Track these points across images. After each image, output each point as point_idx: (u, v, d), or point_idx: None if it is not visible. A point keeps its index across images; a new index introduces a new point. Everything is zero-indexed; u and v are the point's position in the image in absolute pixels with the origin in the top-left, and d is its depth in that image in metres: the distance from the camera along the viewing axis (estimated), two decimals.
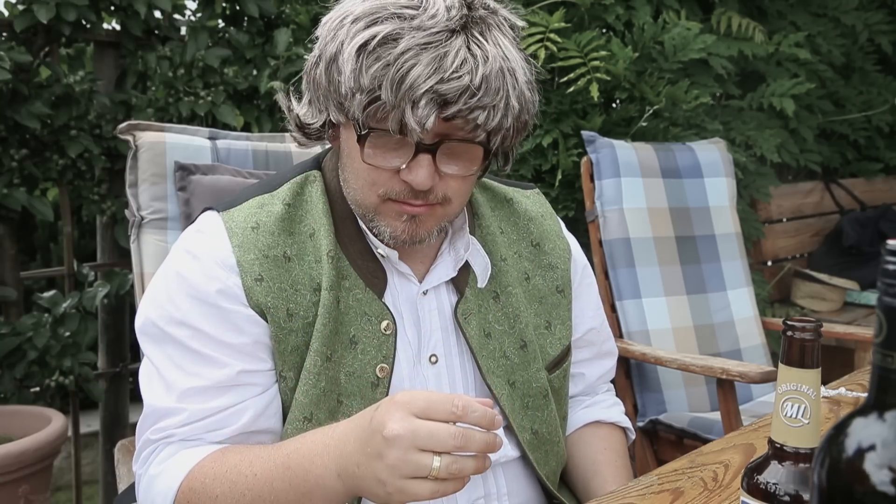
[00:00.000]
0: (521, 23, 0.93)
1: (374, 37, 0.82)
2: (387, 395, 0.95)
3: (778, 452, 0.67)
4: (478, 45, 0.84)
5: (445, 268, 1.01)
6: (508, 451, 1.01)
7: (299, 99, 0.99)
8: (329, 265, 0.93)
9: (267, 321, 0.92)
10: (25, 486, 2.08)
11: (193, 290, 0.92)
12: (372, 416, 0.75)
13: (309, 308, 0.92)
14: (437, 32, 0.82)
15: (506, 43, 0.88)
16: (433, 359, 1.00)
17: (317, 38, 0.92)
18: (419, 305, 1.00)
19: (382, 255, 0.97)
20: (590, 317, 1.17)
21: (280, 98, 1.01)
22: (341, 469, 0.78)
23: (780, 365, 0.66)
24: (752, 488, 0.68)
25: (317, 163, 1.04)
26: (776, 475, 0.67)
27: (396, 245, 0.95)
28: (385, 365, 0.95)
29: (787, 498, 0.66)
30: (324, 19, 0.92)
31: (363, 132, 0.87)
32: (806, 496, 0.65)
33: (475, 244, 1.02)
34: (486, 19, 0.87)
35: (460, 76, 0.82)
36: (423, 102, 0.81)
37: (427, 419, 0.72)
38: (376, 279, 0.97)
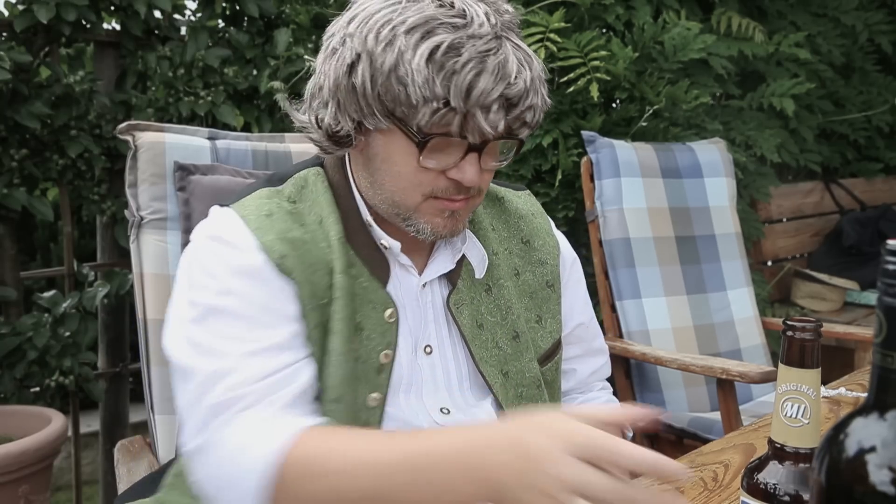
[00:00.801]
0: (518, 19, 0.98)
1: (439, 47, 0.85)
2: (389, 380, 0.96)
3: (778, 452, 0.67)
4: (518, 49, 0.90)
5: (444, 260, 1.03)
6: None
7: (299, 106, 1.00)
8: (340, 249, 0.95)
9: (296, 296, 0.93)
10: (25, 486, 2.08)
11: (233, 264, 0.91)
12: (527, 444, 0.68)
13: (325, 290, 0.94)
14: (490, 40, 0.87)
15: (524, 43, 0.94)
16: (427, 349, 1.02)
17: (336, 46, 0.92)
18: (419, 297, 1.02)
19: (385, 247, 0.99)
20: (578, 312, 1.18)
21: (295, 114, 1.01)
22: (485, 490, 0.70)
23: (780, 365, 0.66)
24: (752, 488, 0.68)
25: (318, 160, 1.05)
26: (776, 475, 0.67)
27: (435, 239, 0.99)
28: (389, 351, 0.97)
29: (786, 498, 0.66)
30: (352, 27, 0.91)
31: (424, 138, 0.89)
32: (806, 496, 0.64)
33: (472, 237, 1.05)
34: (509, 23, 0.92)
35: (519, 81, 0.88)
36: (494, 108, 0.87)
37: (588, 459, 0.65)
38: (380, 269, 0.99)
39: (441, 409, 1.00)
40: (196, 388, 0.86)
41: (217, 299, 0.90)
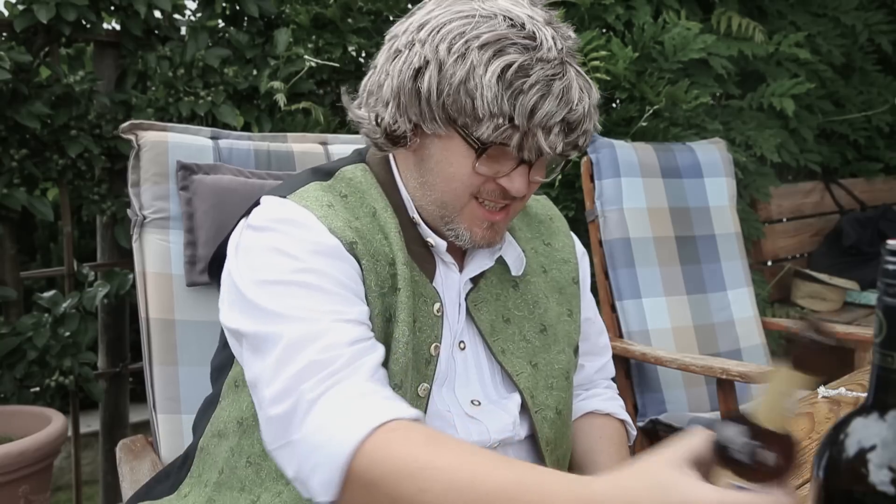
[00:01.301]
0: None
1: (510, 66, 0.89)
2: (435, 372, 0.99)
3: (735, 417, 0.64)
4: (580, 75, 0.94)
5: (482, 258, 1.06)
6: (520, 431, 1.05)
7: (359, 103, 1.02)
8: (399, 241, 0.98)
9: (363, 281, 0.94)
10: (25, 486, 2.08)
11: (310, 242, 0.91)
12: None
13: (386, 279, 0.96)
14: (557, 64, 0.91)
15: (582, 70, 0.98)
16: (461, 345, 1.05)
17: (401, 48, 0.94)
18: (461, 293, 1.05)
19: (432, 244, 1.02)
20: (585, 307, 1.21)
21: (355, 111, 1.01)
22: None
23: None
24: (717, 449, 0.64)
25: (361, 157, 1.07)
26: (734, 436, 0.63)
27: (473, 248, 1.03)
28: (437, 344, 1.00)
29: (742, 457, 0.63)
30: (425, 34, 0.92)
31: (485, 147, 0.93)
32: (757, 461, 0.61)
33: (508, 236, 1.09)
34: (571, 49, 0.96)
35: (580, 107, 0.93)
36: (556, 130, 0.91)
37: None
38: (428, 264, 1.02)
39: (472, 402, 1.03)
40: (283, 352, 0.83)
41: (297, 276, 0.88)
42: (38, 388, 2.34)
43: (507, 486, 0.69)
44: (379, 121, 0.98)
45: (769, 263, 3.14)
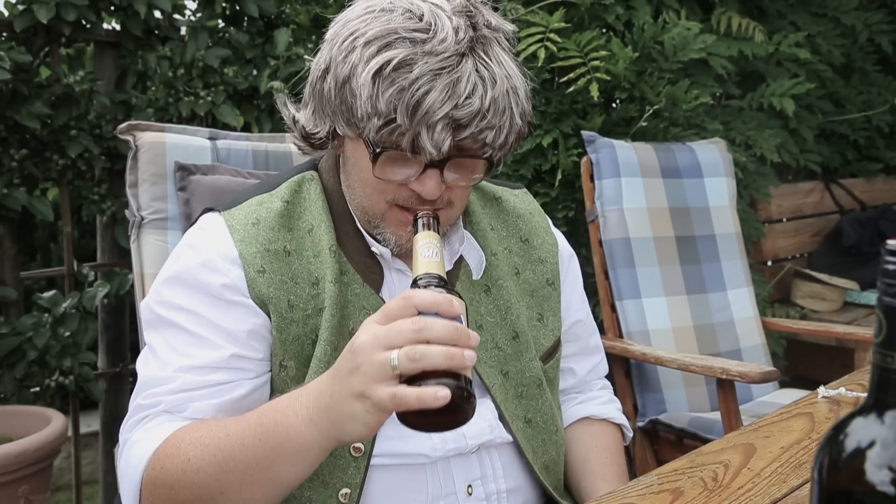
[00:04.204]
0: (510, 27, 0.96)
1: (389, 62, 0.85)
2: None
3: (419, 280, 0.80)
4: (485, 67, 0.88)
5: None
6: (503, 433, 1.03)
7: (298, 106, 1.01)
8: (331, 259, 0.96)
9: (268, 312, 0.94)
10: (25, 486, 2.08)
11: (196, 282, 0.94)
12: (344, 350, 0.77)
13: (308, 301, 0.95)
14: (448, 57, 0.85)
15: (507, 60, 0.92)
16: None
17: (320, 46, 0.94)
18: None
19: (377, 253, 1.00)
20: (576, 309, 1.19)
21: (283, 109, 1.03)
22: (314, 410, 0.78)
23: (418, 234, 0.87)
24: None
25: (313, 164, 1.06)
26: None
27: (401, 253, 0.99)
28: None
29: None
30: (330, 34, 0.93)
31: (377, 150, 0.89)
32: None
33: (469, 238, 1.05)
34: (489, 38, 0.90)
35: (472, 101, 0.86)
36: (439, 127, 0.85)
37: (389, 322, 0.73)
38: (373, 274, 1.00)
39: None
40: (134, 394, 0.94)
41: (169, 313, 0.94)
42: (38, 388, 2.34)
43: (251, 422, 0.83)
44: (295, 122, 0.99)
45: (769, 263, 3.14)
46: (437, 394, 0.68)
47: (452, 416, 0.72)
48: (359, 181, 0.96)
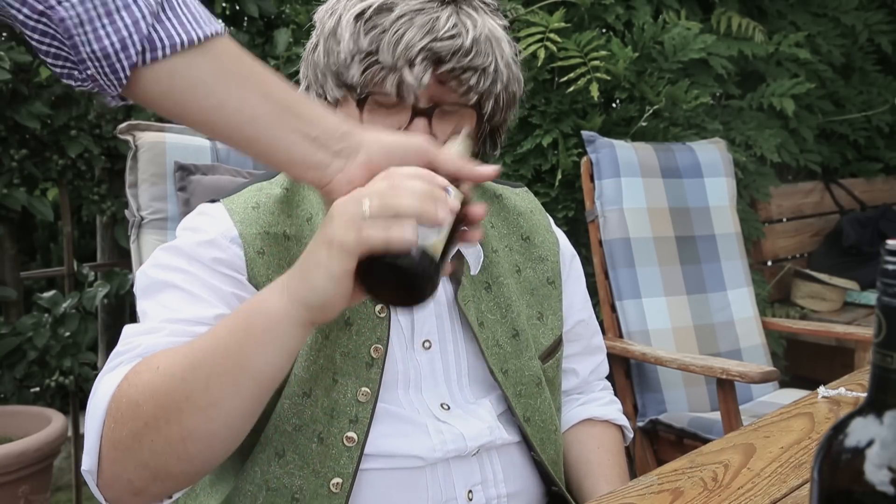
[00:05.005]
0: (502, 14, 0.98)
1: (370, 6, 0.89)
2: (381, 375, 0.96)
3: None
4: (466, 16, 0.91)
5: None
6: (503, 434, 1.02)
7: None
8: None
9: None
10: (25, 486, 2.08)
11: (194, 252, 0.92)
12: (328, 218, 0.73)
13: None
14: (429, 1, 0.89)
15: (491, 22, 0.94)
16: (426, 344, 1.01)
17: (313, 26, 0.97)
18: None
19: None
20: (578, 308, 1.18)
21: None
22: (287, 276, 0.74)
23: None
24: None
25: None
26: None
27: None
28: (380, 346, 0.96)
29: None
30: (319, 10, 0.96)
31: (361, 96, 0.91)
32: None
33: None
34: (472, 1, 0.93)
35: (452, 36, 0.88)
36: (418, 60, 0.87)
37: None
38: None
39: (441, 405, 0.99)
40: (116, 348, 0.87)
41: (163, 274, 0.91)
42: (38, 388, 2.34)
43: (213, 326, 0.78)
44: None
45: (769, 263, 3.14)
46: (403, 234, 0.66)
47: (417, 283, 0.69)
48: None
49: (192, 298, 0.90)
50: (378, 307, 0.97)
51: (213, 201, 1.00)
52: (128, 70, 0.69)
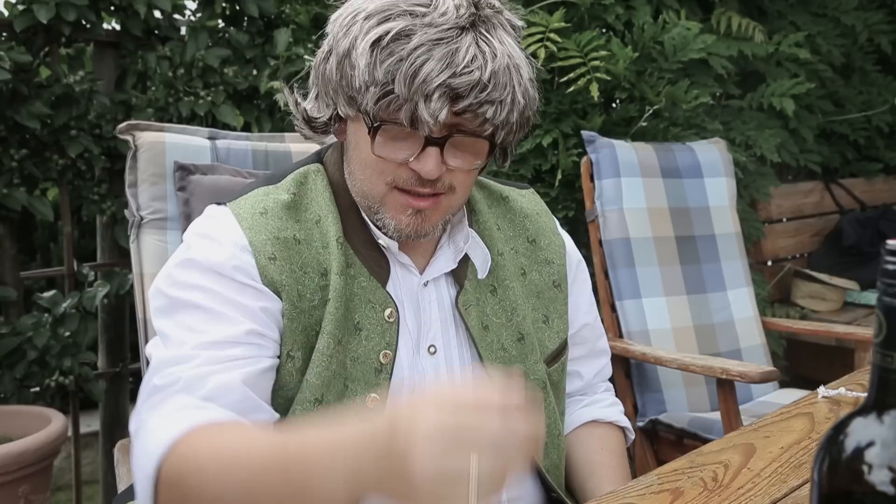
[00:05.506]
0: (519, 22, 0.97)
1: (388, 32, 0.86)
2: (389, 380, 0.95)
3: None
4: (486, 42, 0.88)
5: (445, 260, 1.02)
6: None
7: (304, 95, 1.01)
8: (338, 250, 0.95)
9: (281, 298, 0.92)
10: (25, 486, 2.08)
11: (209, 263, 0.92)
12: (391, 444, 0.64)
13: (315, 292, 0.94)
14: (448, 29, 0.86)
15: (510, 41, 0.92)
16: (432, 349, 1.01)
17: (326, 34, 0.95)
18: (420, 296, 1.01)
19: (384, 246, 0.99)
20: (584, 312, 1.18)
21: (285, 93, 1.03)
22: (354, 489, 0.68)
23: None
24: None
25: (318, 157, 1.06)
26: None
27: (401, 238, 0.98)
28: (388, 351, 0.96)
29: None
30: (333, 16, 0.94)
31: (375, 124, 0.89)
32: None
33: (474, 236, 1.04)
34: (491, 19, 0.90)
35: (471, 71, 0.85)
36: (435, 96, 0.85)
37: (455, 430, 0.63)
38: (380, 268, 0.99)
39: None
40: (147, 376, 0.87)
41: (182, 292, 0.91)
42: (38, 388, 2.34)
43: (274, 448, 0.73)
44: (297, 105, 0.99)
45: (769, 263, 3.14)
46: None
47: None
48: (359, 164, 0.95)
49: (215, 317, 0.89)
50: (387, 312, 0.97)
51: (219, 204, 1.00)
52: None
